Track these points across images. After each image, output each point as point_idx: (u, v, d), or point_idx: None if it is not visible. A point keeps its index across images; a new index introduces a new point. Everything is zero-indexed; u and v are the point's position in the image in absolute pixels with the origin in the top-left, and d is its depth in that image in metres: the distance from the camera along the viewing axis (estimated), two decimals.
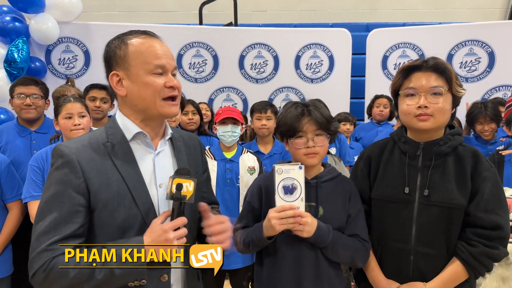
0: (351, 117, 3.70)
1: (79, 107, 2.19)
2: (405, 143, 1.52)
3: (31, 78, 2.71)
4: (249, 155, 2.60)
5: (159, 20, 7.05)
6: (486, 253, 1.37)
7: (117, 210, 1.09)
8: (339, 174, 1.61)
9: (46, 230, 1.04)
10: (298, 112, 1.50)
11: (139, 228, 1.11)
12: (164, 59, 1.14)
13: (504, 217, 1.40)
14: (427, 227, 1.43)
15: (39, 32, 3.81)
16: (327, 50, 4.31)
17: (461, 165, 1.44)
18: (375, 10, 7.42)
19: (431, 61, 1.44)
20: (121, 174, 1.11)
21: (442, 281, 1.42)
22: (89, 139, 1.15)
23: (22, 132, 2.62)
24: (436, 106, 1.39)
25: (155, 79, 1.13)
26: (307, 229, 1.40)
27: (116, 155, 1.13)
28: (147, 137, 1.18)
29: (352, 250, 1.48)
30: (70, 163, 1.08)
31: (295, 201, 1.40)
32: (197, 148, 1.36)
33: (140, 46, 1.14)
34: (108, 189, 1.09)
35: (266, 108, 2.77)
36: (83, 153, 1.10)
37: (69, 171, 1.07)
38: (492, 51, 4.07)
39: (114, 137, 1.15)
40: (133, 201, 1.11)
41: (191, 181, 1.10)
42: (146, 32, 1.18)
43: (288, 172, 1.39)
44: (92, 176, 1.08)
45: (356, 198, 1.55)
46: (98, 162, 1.10)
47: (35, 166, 2.16)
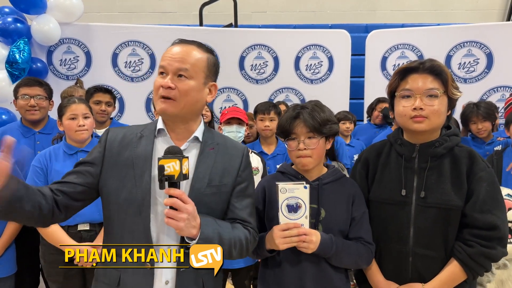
0: (351, 116, 3.72)
1: (84, 108, 2.21)
2: (401, 145, 1.52)
3: (35, 79, 2.73)
4: (253, 156, 2.60)
5: (159, 21, 7.07)
6: (483, 253, 1.37)
7: (121, 191, 1.23)
8: (343, 176, 1.60)
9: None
10: (293, 115, 1.51)
11: (134, 212, 1.21)
12: (166, 60, 1.24)
13: (501, 217, 1.40)
14: (424, 228, 1.44)
15: (41, 33, 3.83)
16: (326, 51, 4.34)
17: (457, 166, 1.44)
18: (374, 11, 7.45)
19: (427, 63, 1.44)
20: (133, 160, 1.25)
21: (440, 282, 1.42)
22: (133, 127, 1.36)
23: (26, 133, 2.64)
24: (432, 108, 1.40)
25: (157, 78, 1.26)
26: (312, 246, 1.40)
27: (139, 144, 1.28)
28: (167, 135, 1.29)
29: (356, 256, 1.48)
30: (102, 140, 1.32)
31: (299, 219, 1.39)
32: (236, 159, 1.34)
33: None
34: (118, 169, 1.25)
35: (269, 110, 2.79)
36: (116, 135, 1.31)
37: (98, 145, 1.32)
38: (490, 52, 4.09)
39: (147, 130, 1.31)
40: (135, 186, 1.23)
41: (176, 160, 1.11)
42: (184, 40, 1.31)
43: (292, 192, 1.38)
44: (110, 155, 1.28)
45: (361, 200, 1.55)
46: (123, 146, 1.28)
47: (37, 167, 2.17)
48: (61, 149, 2.22)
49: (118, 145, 1.28)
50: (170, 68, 1.22)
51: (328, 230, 1.48)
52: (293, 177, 1.56)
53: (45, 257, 2.23)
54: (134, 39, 4.06)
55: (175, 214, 1.11)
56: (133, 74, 4.18)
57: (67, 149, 2.21)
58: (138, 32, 4.09)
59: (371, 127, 3.90)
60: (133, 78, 4.19)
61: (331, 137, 1.57)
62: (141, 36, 4.07)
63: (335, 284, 1.50)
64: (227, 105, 4.22)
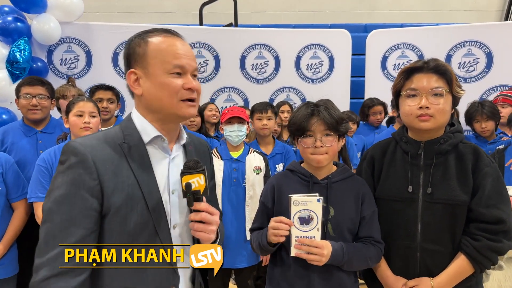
0: (355, 116, 3.73)
1: (91, 106, 2.21)
2: (407, 143, 1.54)
3: (37, 78, 2.72)
4: (255, 155, 2.62)
5: (158, 21, 7.06)
6: (489, 247, 1.40)
7: (129, 216, 1.04)
8: (352, 174, 1.61)
9: (55, 234, 0.98)
10: (308, 112, 1.52)
11: (149, 236, 1.06)
12: (184, 59, 1.09)
13: (506, 211, 1.42)
14: (431, 224, 1.46)
15: (41, 33, 3.82)
16: (327, 51, 4.35)
17: (462, 162, 1.46)
18: (372, 11, 7.47)
19: (432, 62, 1.47)
20: (136, 178, 1.06)
21: (448, 276, 1.44)
22: (105, 137, 1.09)
23: (28, 132, 2.63)
24: (437, 107, 1.43)
25: (173, 79, 1.08)
26: (324, 259, 1.40)
27: (133, 158, 1.07)
28: (164, 141, 1.13)
29: (366, 258, 1.49)
30: (85, 162, 1.01)
31: (311, 230, 1.39)
32: (206, 155, 1.31)
33: (160, 44, 1.09)
34: (122, 193, 1.03)
35: (266, 109, 2.80)
36: (98, 152, 1.03)
37: (83, 171, 1.00)
38: (490, 51, 4.11)
39: (131, 138, 1.10)
40: (146, 208, 1.06)
41: (200, 175, 1.08)
42: (168, 30, 1.13)
43: (305, 204, 1.38)
44: (107, 178, 1.02)
45: (370, 199, 1.55)
46: (114, 163, 1.05)
47: (43, 166, 2.16)
48: None
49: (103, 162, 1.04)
50: (190, 68, 1.11)
51: (337, 228, 1.49)
52: (302, 175, 1.57)
53: None
54: None
55: (205, 228, 1.09)
56: None
57: None
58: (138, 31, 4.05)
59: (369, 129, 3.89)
60: None
61: (343, 136, 1.58)
62: None
63: (343, 283, 1.51)
64: (228, 105, 4.23)
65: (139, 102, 1.14)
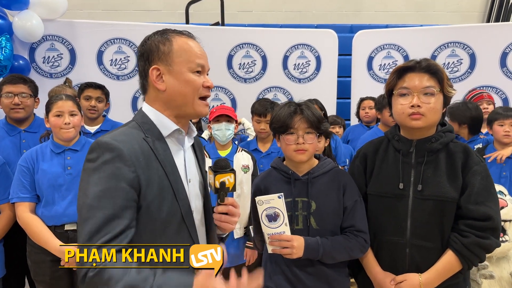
0: (340, 120, 3.78)
1: (71, 105, 2.16)
2: (399, 141, 1.58)
3: (19, 76, 2.66)
4: (243, 154, 2.62)
5: (143, 19, 6.95)
6: (478, 243, 1.43)
7: (162, 206, 1.11)
8: (334, 167, 1.66)
9: (99, 228, 0.98)
10: (291, 110, 1.59)
11: (178, 223, 1.15)
12: (203, 59, 1.20)
13: (494, 209, 1.46)
14: (421, 220, 1.49)
15: (23, 30, 3.71)
16: (314, 51, 4.36)
17: (453, 161, 1.50)
18: (358, 12, 7.54)
19: (423, 62, 1.51)
20: (164, 169, 1.13)
21: (436, 272, 1.47)
22: (130, 132, 1.14)
23: (11, 131, 2.57)
24: (428, 106, 1.46)
25: (195, 77, 1.17)
26: (295, 251, 1.48)
27: (158, 151, 1.14)
28: (182, 134, 1.22)
29: (347, 249, 1.54)
30: (122, 156, 1.04)
31: (279, 227, 1.49)
32: (203, 150, 1.42)
33: (184, 44, 1.18)
34: (155, 185, 1.10)
35: (265, 113, 2.78)
36: (131, 146, 1.08)
37: (121, 165, 1.04)
38: (473, 52, 4.19)
39: (151, 133, 1.16)
40: (174, 197, 1.14)
41: (231, 174, 1.22)
42: (186, 32, 1.23)
43: (268, 203, 1.48)
44: (141, 172, 1.07)
45: (352, 189, 1.60)
46: (145, 157, 1.10)
47: (24, 166, 2.11)
48: (48, 148, 2.17)
49: (137, 156, 1.08)
50: (207, 68, 1.22)
51: (320, 221, 1.56)
52: (284, 172, 1.64)
53: (31, 256, 2.17)
54: (120, 37, 3.98)
55: (229, 219, 1.23)
56: (119, 72, 4.10)
57: (54, 148, 2.16)
58: (124, 29, 4.00)
59: (362, 128, 3.93)
60: (119, 76, 4.11)
61: (322, 135, 1.66)
62: (127, 34, 3.98)
63: (332, 278, 1.56)
64: (215, 104, 4.18)
65: (157, 97, 1.19)
